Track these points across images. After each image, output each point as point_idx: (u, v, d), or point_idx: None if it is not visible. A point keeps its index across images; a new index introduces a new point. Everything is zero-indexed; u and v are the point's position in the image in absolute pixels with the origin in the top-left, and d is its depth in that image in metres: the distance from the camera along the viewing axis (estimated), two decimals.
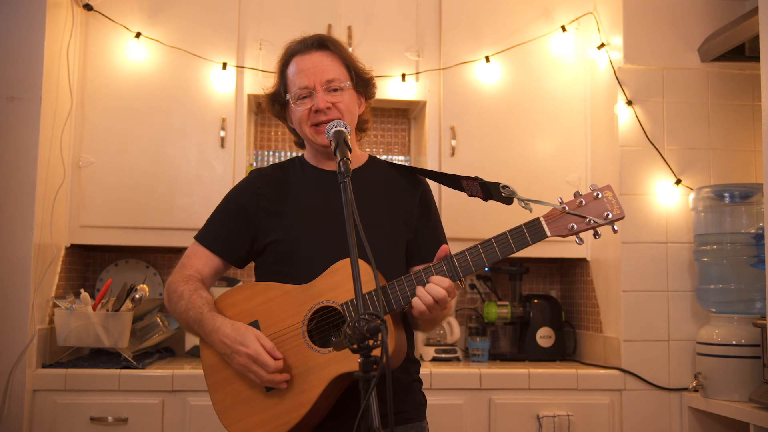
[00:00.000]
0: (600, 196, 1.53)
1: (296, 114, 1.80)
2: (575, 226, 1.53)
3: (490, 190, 1.65)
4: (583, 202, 1.53)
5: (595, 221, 1.51)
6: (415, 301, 1.55)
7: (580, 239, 1.56)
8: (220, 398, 1.69)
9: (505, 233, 1.55)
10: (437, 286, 1.54)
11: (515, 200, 1.60)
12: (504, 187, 1.62)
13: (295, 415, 1.60)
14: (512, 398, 2.71)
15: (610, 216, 1.51)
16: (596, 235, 1.55)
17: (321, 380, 1.58)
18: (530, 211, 1.56)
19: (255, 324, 1.67)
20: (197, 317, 1.69)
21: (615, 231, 1.51)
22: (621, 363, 2.77)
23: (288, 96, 1.81)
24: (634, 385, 2.75)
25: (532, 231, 1.55)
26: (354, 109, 1.82)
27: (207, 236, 1.85)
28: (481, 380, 2.70)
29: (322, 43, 1.81)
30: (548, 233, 1.54)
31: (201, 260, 1.83)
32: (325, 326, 1.65)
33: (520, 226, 1.55)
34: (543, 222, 1.55)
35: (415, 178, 1.88)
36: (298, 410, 1.60)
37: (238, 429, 1.65)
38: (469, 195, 1.74)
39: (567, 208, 1.53)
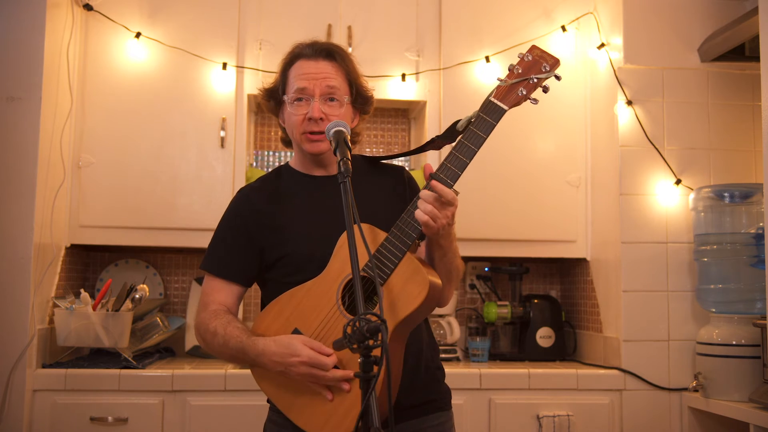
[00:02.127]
0: (530, 57, 1.63)
1: (290, 117, 1.79)
2: (524, 91, 1.62)
3: (451, 135, 1.71)
4: (519, 69, 1.63)
5: (537, 78, 1.61)
6: (418, 213, 1.56)
7: (534, 100, 1.63)
8: (298, 414, 1.64)
9: (468, 128, 1.61)
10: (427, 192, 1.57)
11: (473, 119, 1.64)
12: (456, 123, 1.67)
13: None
14: (512, 398, 2.71)
15: (547, 68, 1.61)
16: (545, 89, 1.63)
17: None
18: (484, 112, 1.61)
19: (296, 332, 1.64)
20: (239, 347, 1.65)
21: (558, 78, 1.62)
22: (621, 363, 2.77)
23: (285, 96, 1.80)
24: (634, 385, 2.75)
25: (489, 112, 1.61)
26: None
27: (219, 266, 1.80)
28: (481, 380, 2.70)
29: (330, 53, 1.80)
30: (505, 107, 1.61)
31: (222, 293, 1.78)
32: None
33: (478, 114, 1.62)
34: (495, 100, 1.62)
35: (395, 166, 1.93)
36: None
37: (329, 430, 1.60)
38: (439, 149, 1.81)
39: (508, 81, 1.62)
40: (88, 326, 2.64)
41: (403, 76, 3.05)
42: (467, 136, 1.60)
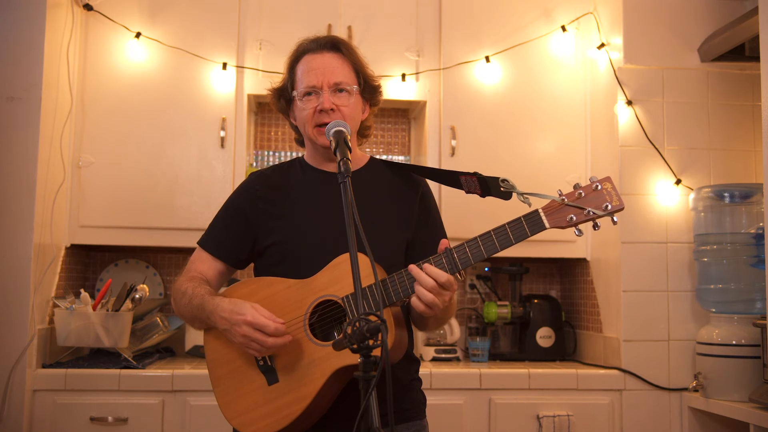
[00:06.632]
0: (599, 187, 1.53)
1: (301, 113, 1.80)
2: (574, 218, 1.53)
3: (488, 186, 1.65)
4: (583, 194, 1.53)
5: (594, 212, 1.51)
6: (416, 285, 1.54)
7: (579, 231, 1.55)
8: (223, 392, 1.69)
9: (504, 225, 1.56)
10: (437, 270, 1.54)
11: (514, 195, 1.60)
12: (503, 181, 1.62)
13: (296, 408, 1.60)
14: (512, 398, 2.71)
15: (609, 207, 1.51)
16: (596, 226, 1.55)
17: (322, 373, 1.59)
18: (529, 205, 1.56)
19: None
20: (199, 303, 1.70)
21: (614, 222, 1.52)
22: (621, 363, 2.77)
23: (294, 93, 1.81)
24: (634, 385, 2.75)
25: (531, 223, 1.54)
26: (357, 115, 1.82)
27: (209, 241, 1.87)
28: (481, 380, 2.70)
29: (334, 45, 1.81)
30: (547, 225, 1.54)
31: (204, 264, 1.85)
32: (326, 320, 1.66)
33: (519, 218, 1.56)
34: (542, 213, 1.55)
35: (415, 178, 1.89)
36: (300, 403, 1.60)
37: (240, 422, 1.65)
38: (467, 192, 1.74)
39: (566, 200, 1.53)
40: (88, 326, 2.64)
41: (403, 76, 3.05)
42: (498, 232, 1.55)
